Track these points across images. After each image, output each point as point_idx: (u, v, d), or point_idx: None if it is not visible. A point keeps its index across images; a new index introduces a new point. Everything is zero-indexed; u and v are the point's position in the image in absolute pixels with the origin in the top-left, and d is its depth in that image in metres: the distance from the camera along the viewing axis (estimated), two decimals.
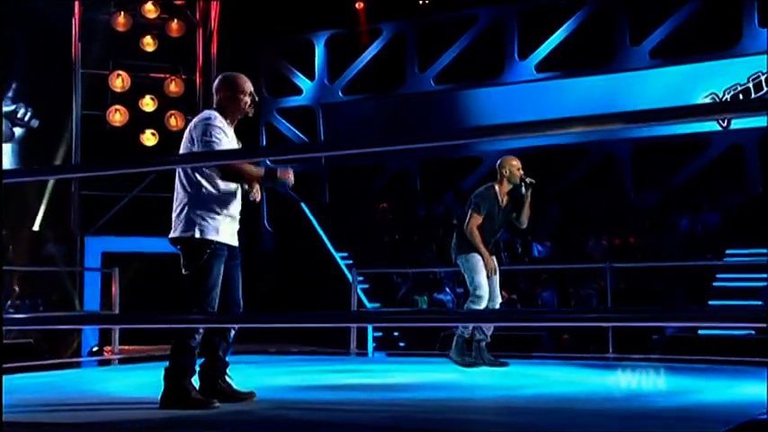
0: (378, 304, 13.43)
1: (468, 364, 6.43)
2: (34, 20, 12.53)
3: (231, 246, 4.54)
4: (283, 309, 10.15)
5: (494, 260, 6.59)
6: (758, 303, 10.84)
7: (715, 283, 11.90)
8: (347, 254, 14.81)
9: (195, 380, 4.47)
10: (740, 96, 14.22)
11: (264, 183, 4.52)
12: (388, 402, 4.80)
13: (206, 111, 4.60)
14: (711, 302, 11.40)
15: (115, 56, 13.39)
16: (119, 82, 13.26)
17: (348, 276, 13.59)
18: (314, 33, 17.78)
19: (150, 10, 13.43)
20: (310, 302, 12.24)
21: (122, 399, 4.84)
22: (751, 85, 14.20)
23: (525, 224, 6.79)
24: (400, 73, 17.23)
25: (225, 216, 4.47)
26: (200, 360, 4.53)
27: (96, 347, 11.60)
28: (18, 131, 13.57)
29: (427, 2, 16.97)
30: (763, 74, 14.10)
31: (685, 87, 14.33)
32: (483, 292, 6.44)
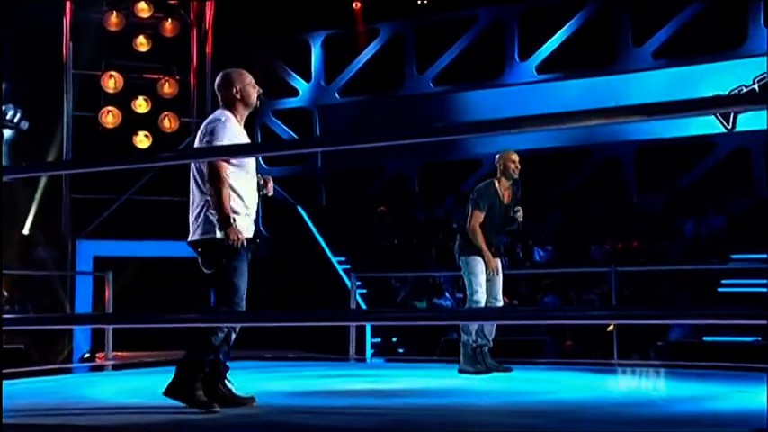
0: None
1: (481, 372, 6.42)
2: (24, 19, 12.50)
3: (251, 243, 4.56)
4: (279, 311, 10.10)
5: (497, 261, 6.56)
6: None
7: (720, 289, 11.89)
8: (345, 258, 14.79)
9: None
10: None
11: (222, 223, 4.42)
12: (394, 407, 4.81)
13: (217, 110, 4.64)
14: None
15: (107, 56, 13.39)
16: (111, 83, 13.24)
17: (346, 281, 13.58)
18: (310, 34, 17.77)
19: (143, 9, 13.43)
20: (307, 307, 12.19)
21: (121, 404, 4.81)
22: (756, 87, 14.22)
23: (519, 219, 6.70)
24: (398, 74, 17.22)
25: (243, 215, 4.49)
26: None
27: (88, 354, 11.57)
28: (7, 133, 13.54)
29: (426, 2, 16.98)
30: None
31: (689, 89, 14.33)
32: (480, 297, 6.42)
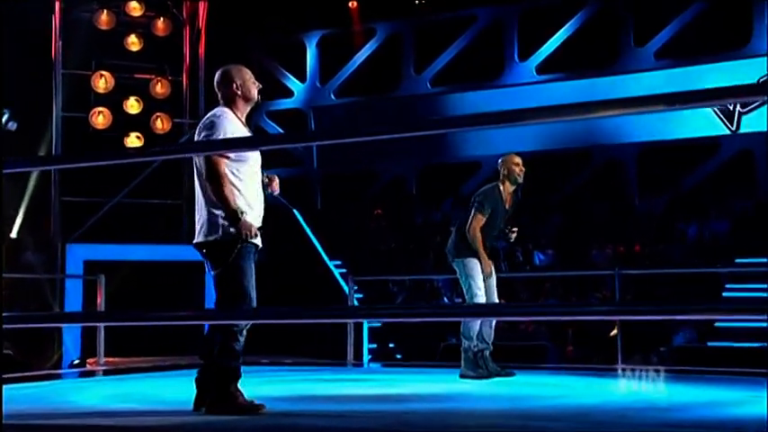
0: None
1: (483, 377, 6.41)
2: (11, 17, 12.46)
3: (257, 246, 4.55)
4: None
5: (491, 263, 6.57)
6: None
7: (724, 293, 11.89)
8: (341, 262, 14.77)
9: (193, 386, 4.46)
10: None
11: (231, 219, 4.43)
12: (398, 411, 4.83)
13: (217, 107, 4.64)
14: None
15: (98, 55, 13.33)
16: (102, 83, 13.19)
17: (342, 285, 13.56)
18: (305, 33, 17.77)
19: (135, 8, 13.39)
20: None
21: (110, 410, 4.78)
22: None
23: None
24: (395, 75, 17.23)
25: (247, 214, 4.47)
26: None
27: (78, 360, 11.51)
28: None
29: (424, 1, 16.99)
30: None
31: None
32: (480, 300, 6.42)
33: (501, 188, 6.65)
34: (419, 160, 16.77)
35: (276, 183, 4.71)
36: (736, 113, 14.48)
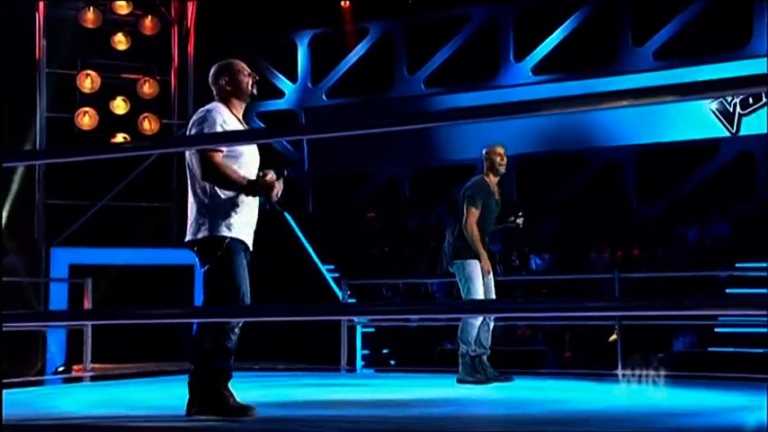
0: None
1: (481, 382, 6.41)
2: None
3: (248, 246, 4.55)
4: (267, 322, 10.08)
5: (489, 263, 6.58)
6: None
7: None
8: (333, 266, 14.75)
9: (185, 389, 4.44)
10: (750, 100, 14.30)
11: (251, 192, 4.45)
12: (395, 417, 4.83)
13: (210, 102, 4.62)
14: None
15: (84, 54, 13.30)
16: (88, 82, 13.15)
17: (335, 289, 13.54)
18: (296, 33, 17.76)
19: (122, 6, 13.37)
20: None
21: (95, 415, 4.76)
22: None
23: None
24: (388, 75, 17.23)
25: (237, 216, 4.48)
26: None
27: (63, 367, 11.45)
28: None
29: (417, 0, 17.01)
30: None
31: None
32: None
33: (487, 180, 6.66)
34: (413, 162, 16.77)
35: (271, 176, 4.56)
36: (736, 115, 14.53)
